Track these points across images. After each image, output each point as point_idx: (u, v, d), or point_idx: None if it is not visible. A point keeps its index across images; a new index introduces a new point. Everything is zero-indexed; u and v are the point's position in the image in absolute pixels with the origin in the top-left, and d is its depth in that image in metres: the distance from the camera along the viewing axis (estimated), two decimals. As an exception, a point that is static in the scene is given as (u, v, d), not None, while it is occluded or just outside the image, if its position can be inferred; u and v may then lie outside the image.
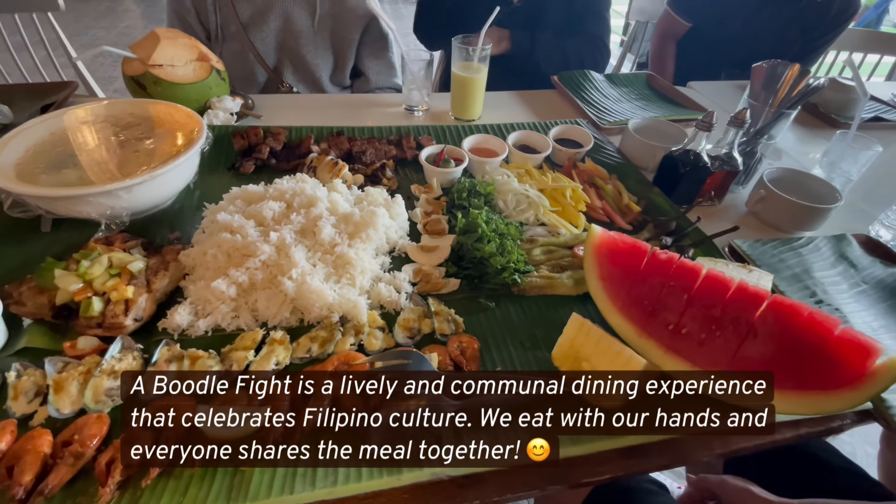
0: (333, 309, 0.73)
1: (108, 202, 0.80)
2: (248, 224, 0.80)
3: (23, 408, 0.61)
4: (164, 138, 0.92)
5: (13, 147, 0.84)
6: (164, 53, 1.07)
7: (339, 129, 1.16)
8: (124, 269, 0.74)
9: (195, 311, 0.73)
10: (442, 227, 0.91)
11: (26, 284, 0.72)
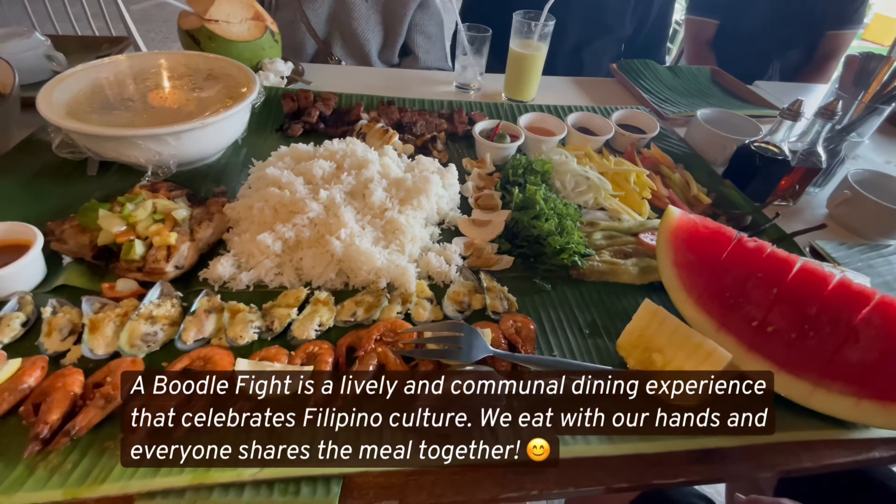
0: (381, 274, 0.68)
1: (156, 147, 0.77)
2: (297, 181, 0.76)
3: (55, 345, 0.58)
4: (216, 91, 0.89)
5: (67, 86, 0.83)
6: (220, 9, 1.05)
7: (390, 98, 1.11)
8: (168, 215, 0.71)
9: (238, 264, 0.69)
10: (495, 203, 0.85)
11: (69, 223, 0.70)
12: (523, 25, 1.17)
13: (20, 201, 0.76)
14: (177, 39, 1.35)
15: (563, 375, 0.54)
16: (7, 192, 0.76)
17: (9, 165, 0.82)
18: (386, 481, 0.48)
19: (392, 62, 1.63)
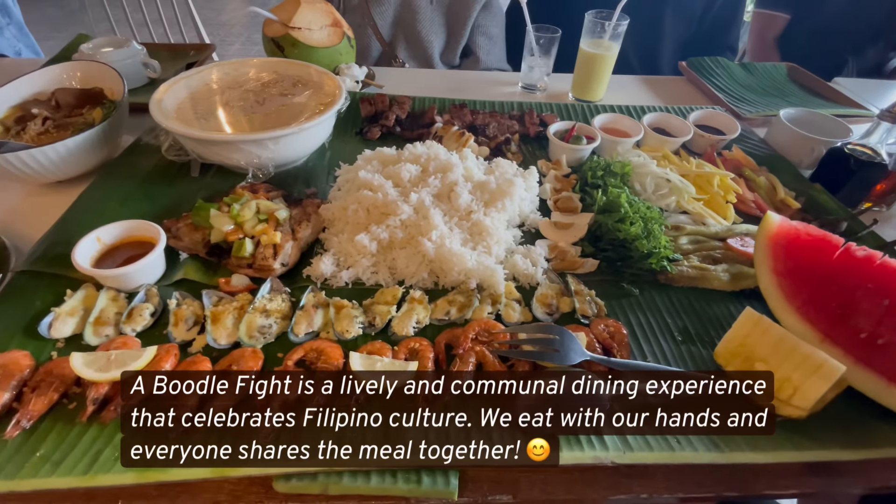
0: (471, 275, 0.70)
1: (256, 151, 0.82)
2: (387, 183, 0.79)
3: (182, 334, 0.63)
4: (304, 97, 0.93)
5: (174, 93, 0.89)
6: (303, 17, 1.10)
7: (462, 101, 1.13)
8: (271, 215, 0.76)
9: (337, 263, 0.73)
10: (575, 205, 0.86)
11: (183, 221, 0.76)
12: (595, 25, 1.16)
13: (135, 200, 0.83)
14: (251, 47, 1.42)
15: (669, 380, 0.54)
16: (123, 192, 0.83)
17: (123, 167, 0.89)
18: (498, 476, 0.50)
19: (453, 63, 1.65)
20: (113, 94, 0.98)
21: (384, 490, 0.48)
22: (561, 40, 1.24)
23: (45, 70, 0.96)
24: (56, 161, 0.80)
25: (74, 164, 0.83)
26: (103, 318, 0.63)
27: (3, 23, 1.45)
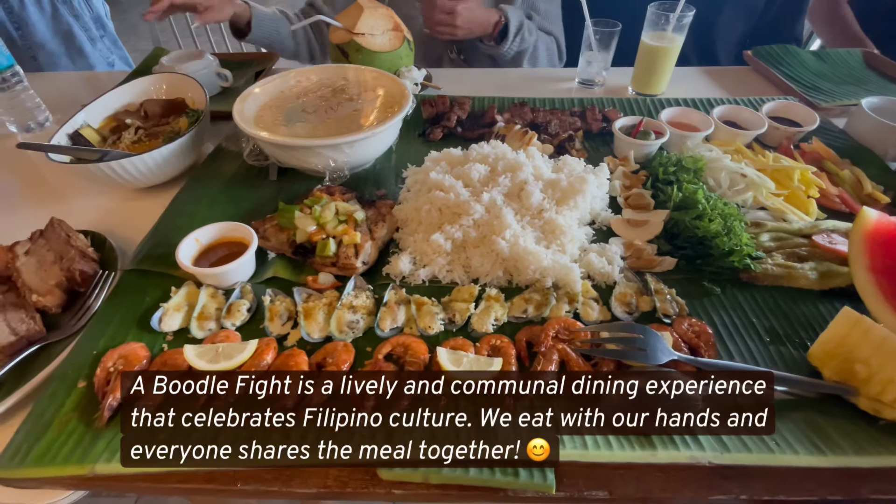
0: (546, 273, 0.71)
1: (333, 155, 0.86)
2: (458, 184, 0.81)
3: (278, 329, 0.67)
4: (373, 102, 0.96)
5: (253, 101, 0.94)
6: (366, 23, 1.13)
7: (522, 99, 1.14)
8: (350, 216, 0.79)
9: (413, 261, 0.76)
10: (647, 202, 0.84)
11: (269, 223, 0.80)
12: (659, 18, 1.13)
13: (221, 203, 0.88)
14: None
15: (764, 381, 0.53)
16: (210, 196, 0.89)
17: (208, 172, 0.95)
18: (593, 472, 0.51)
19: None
20: (194, 103, 1.05)
21: (483, 481, 0.49)
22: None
23: (134, 82, 1.04)
24: (151, 167, 0.86)
25: (166, 170, 0.90)
26: (205, 314, 0.68)
27: (96, 35, 1.56)
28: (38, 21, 1.47)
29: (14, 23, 1.42)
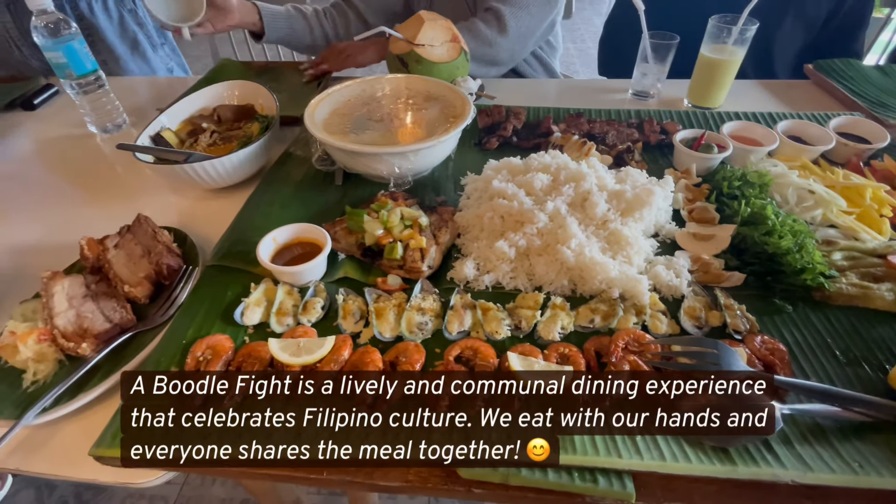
0: (613, 284, 0.71)
1: (398, 162, 0.89)
2: (520, 192, 0.82)
3: (351, 326, 0.70)
4: (437, 111, 0.99)
5: (322, 108, 0.99)
6: (426, 34, 1.17)
7: (577, 110, 1.15)
8: (415, 222, 0.81)
9: (477, 267, 0.77)
10: (711, 216, 0.84)
11: (339, 225, 0.84)
12: (721, 31, 1.12)
13: (292, 205, 0.92)
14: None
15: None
16: (282, 198, 0.93)
17: (279, 175, 1.00)
18: (670, 484, 0.51)
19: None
20: (263, 109, 1.10)
21: (561, 486, 0.50)
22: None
23: (209, 88, 1.10)
24: (228, 169, 0.91)
25: (240, 172, 0.95)
26: (283, 310, 0.72)
27: (158, 42, 1.66)
28: (106, 27, 1.57)
29: (85, 29, 1.52)
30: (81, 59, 1.11)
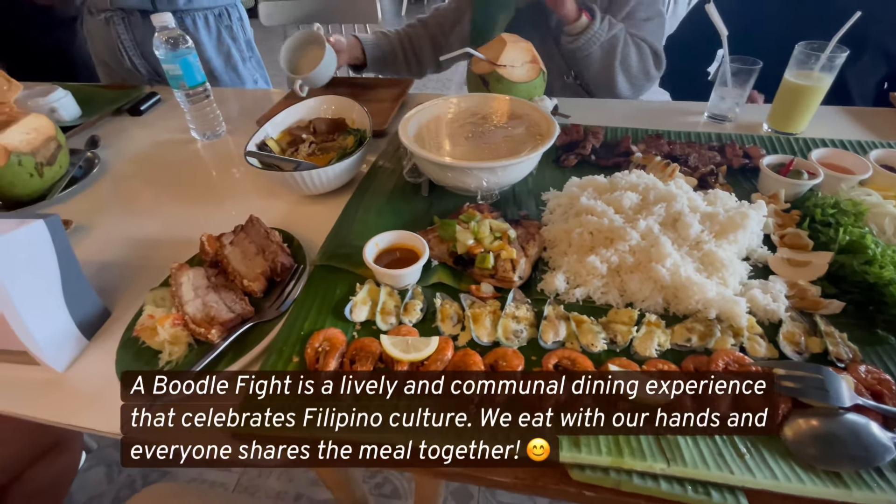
0: (710, 305, 0.72)
1: (486, 176, 0.93)
2: (609, 210, 0.85)
3: (449, 329, 0.74)
4: (522, 130, 1.04)
5: (413, 124, 1.05)
6: (508, 55, 1.22)
7: (657, 131, 1.16)
8: (504, 233, 0.85)
9: (567, 280, 0.80)
10: (804, 242, 0.83)
11: (430, 234, 0.89)
12: (808, 57, 1.12)
13: (385, 213, 0.98)
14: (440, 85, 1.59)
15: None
16: (376, 206, 1.00)
17: (372, 185, 1.06)
18: (783, 501, 0.51)
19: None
20: (354, 123, 1.18)
21: (674, 496, 0.52)
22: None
23: (307, 101, 1.19)
24: (331, 178, 0.98)
25: (337, 181, 1.02)
26: (386, 309, 0.77)
27: (247, 55, 1.80)
28: (206, 41, 1.71)
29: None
30: (194, 72, 1.23)
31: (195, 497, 0.99)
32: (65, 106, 1.44)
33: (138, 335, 0.73)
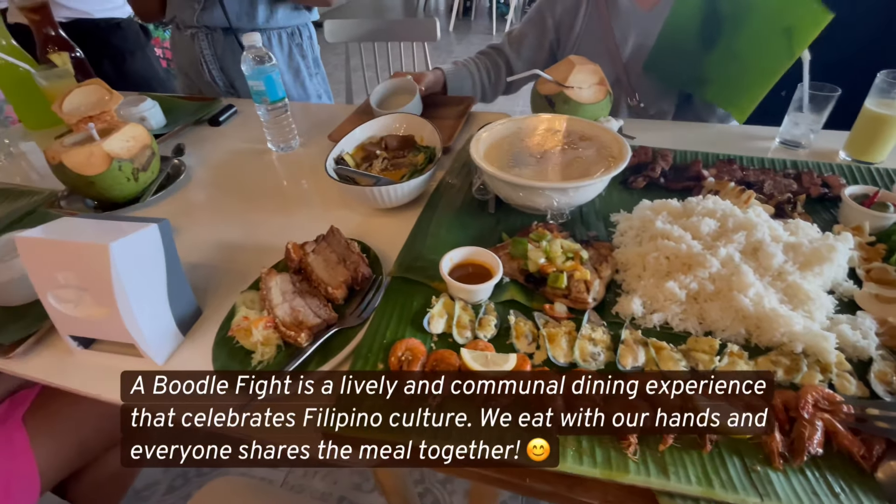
0: (796, 338, 0.71)
1: (557, 196, 0.95)
2: (686, 235, 0.84)
3: (524, 347, 0.76)
4: (593, 151, 1.05)
5: (483, 142, 1.08)
6: (576, 77, 1.24)
7: (728, 156, 1.15)
8: (577, 254, 0.86)
9: (643, 304, 0.80)
10: (892, 278, 0.80)
11: (501, 251, 0.91)
12: (891, 86, 1.08)
13: (454, 228, 1.01)
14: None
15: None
16: (446, 221, 1.03)
17: (440, 201, 1.10)
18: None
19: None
20: (423, 140, 1.22)
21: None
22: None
23: (380, 119, 1.24)
24: (406, 193, 1.03)
25: (408, 196, 1.06)
26: (462, 323, 0.79)
27: (314, 72, 1.90)
28: (279, 58, 1.82)
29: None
30: (276, 88, 1.31)
31: (254, 492, 1.04)
32: (153, 115, 1.56)
33: (233, 335, 0.78)
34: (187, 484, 1.82)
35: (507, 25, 6.37)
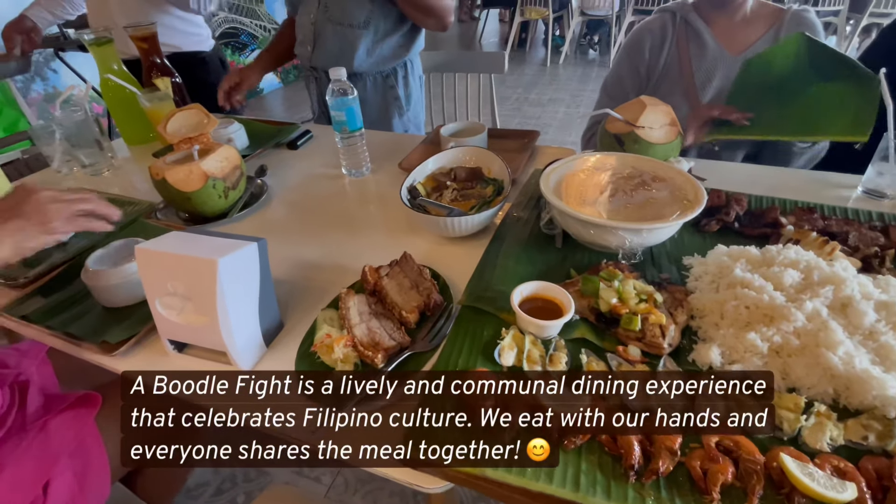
0: (891, 403, 0.67)
1: (630, 236, 0.95)
2: (768, 286, 0.82)
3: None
4: (667, 193, 1.05)
5: (553, 178, 1.10)
6: (647, 117, 1.25)
7: (810, 204, 1.11)
8: (651, 296, 0.86)
9: (722, 354, 0.78)
10: None
11: (570, 288, 0.92)
12: None
13: (522, 262, 1.03)
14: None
15: None
16: (514, 254, 1.05)
17: (508, 233, 1.12)
18: None
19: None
20: (490, 172, 1.26)
21: None
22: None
23: (450, 151, 1.30)
24: (474, 224, 1.06)
25: (477, 227, 1.10)
26: (532, 357, 0.80)
27: (404, 111, 1.97)
28: (371, 100, 1.92)
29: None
30: (356, 119, 1.40)
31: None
32: (239, 137, 1.70)
33: (315, 350, 0.83)
34: (234, 488, 1.89)
35: (562, 58, 6.46)
